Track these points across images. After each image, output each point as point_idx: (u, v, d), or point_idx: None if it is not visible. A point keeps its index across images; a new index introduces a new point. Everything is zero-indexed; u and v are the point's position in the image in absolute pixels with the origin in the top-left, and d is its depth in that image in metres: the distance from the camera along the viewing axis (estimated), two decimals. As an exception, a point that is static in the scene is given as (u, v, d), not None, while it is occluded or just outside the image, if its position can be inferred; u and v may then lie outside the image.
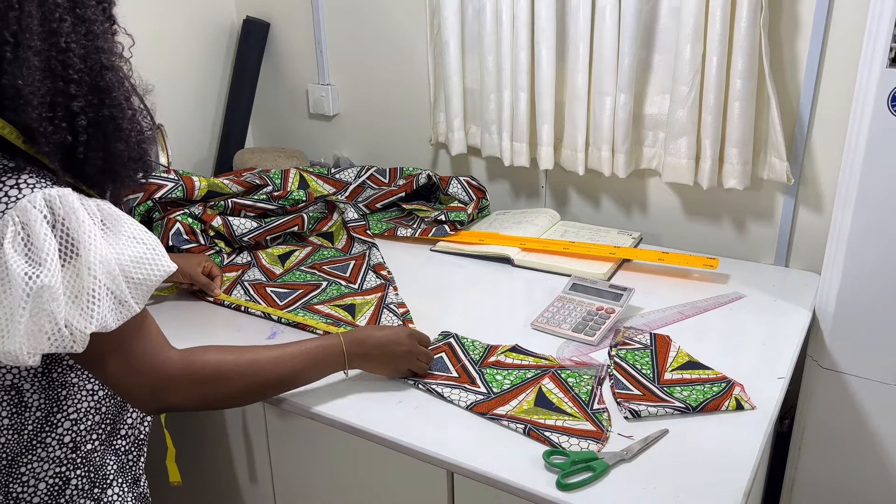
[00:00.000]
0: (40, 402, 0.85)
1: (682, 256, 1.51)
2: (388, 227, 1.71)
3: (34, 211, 0.75)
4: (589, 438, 0.98)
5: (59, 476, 0.87)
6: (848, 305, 1.28)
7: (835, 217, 1.28)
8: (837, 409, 1.34)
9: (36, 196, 0.75)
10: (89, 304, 0.77)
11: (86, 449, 0.89)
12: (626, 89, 1.52)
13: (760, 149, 1.48)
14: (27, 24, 0.74)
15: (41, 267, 0.74)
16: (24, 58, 0.74)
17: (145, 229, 0.85)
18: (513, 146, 1.70)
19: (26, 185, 0.76)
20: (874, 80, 1.16)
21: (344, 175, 1.82)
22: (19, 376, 0.84)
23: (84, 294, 0.77)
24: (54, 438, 0.87)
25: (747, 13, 1.34)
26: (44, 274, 0.74)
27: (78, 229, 0.76)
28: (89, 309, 0.77)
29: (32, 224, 0.74)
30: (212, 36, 2.03)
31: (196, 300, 1.39)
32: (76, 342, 0.77)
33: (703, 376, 1.12)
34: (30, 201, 0.75)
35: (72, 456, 0.88)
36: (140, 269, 0.81)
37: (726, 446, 0.97)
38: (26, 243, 0.74)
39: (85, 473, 0.89)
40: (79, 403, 0.88)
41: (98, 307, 0.77)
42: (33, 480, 0.86)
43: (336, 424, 1.05)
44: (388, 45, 1.89)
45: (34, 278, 0.73)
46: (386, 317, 1.30)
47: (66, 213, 0.76)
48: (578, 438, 0.98)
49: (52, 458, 0.87)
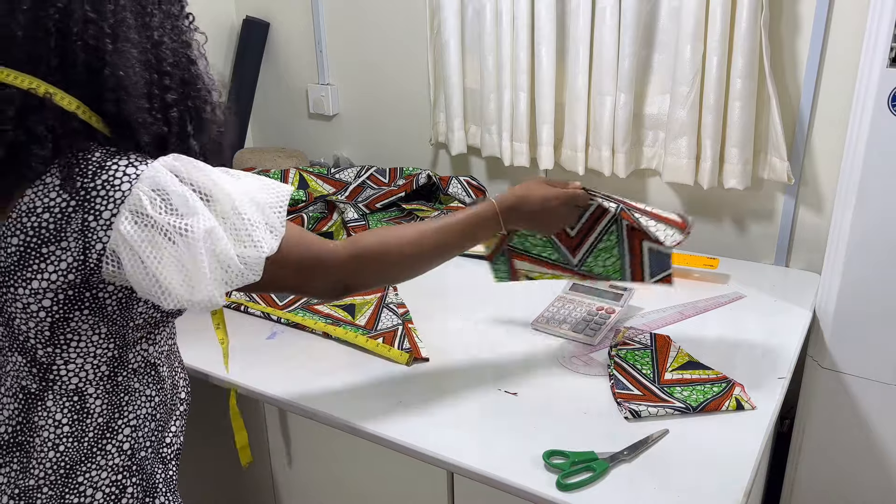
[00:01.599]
0: (102, 409, 0.84)
1: (682, 256, 1.51)
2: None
3: (162, 175, 0.75)
4: (674, 228, 1.06)
5: (117, 484, 0.85)
6: (848, 305, 1.28)
7: (835, 217, 1.28)
8: (837, 409, 1.34)
9: (155, 165, 0.76)
10: (248, 234, 0.80)
11: (140, 456, 0.87)
12: (627, 89, 1.52)
13: (761, 149, 1.48)
14: (123, 17, 0.76)
15: (194, 217, 0.75)
16: (123, 50, 0.76)
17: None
18: (513, 146, 1.69)
19: (139, 161, 0.76)
20: (874, 80, 1.16)
21: (344, 175, 1.82)
22: (85, 380, 0.82)
23: (240, 228, 0.79)
24: (114, 445, 0.85)
25: (747, 13, 1.34)
26: (201, 221, 0.75)
27: (204, 178, 0.78)
28: (251, 238, 0.80)
29: (165, 186, 0.75)
30: (211, 36, 2.01)
31: (196, 300, 1.39)
32: (254, 272, 0.80)
33: (703, 376, 1.12)
34: (152, 169, 0.75)
35: (128, 463, 0.86)
36: (267, 193, 0.84)
37: (726, 446, 0.97)
38: (168, 203, 0.75)
39: (139, 481, 0.87)
40: (138, 409, 0.86)
41: (257, 234, 0.80)
42: (90, 490, 0.83)
43: (336, 424, 1.05)
44: (388, 45, 1.89)
45: (193, 228, 0.74)
46: (386, 316, 1.30)
47: (189, 170, 0.77)
48: (665, 226, 1.06)
49: (110, 466, 0.84)
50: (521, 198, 1.07)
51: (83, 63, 0.75)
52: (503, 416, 1.04)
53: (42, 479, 0.82)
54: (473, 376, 1.14)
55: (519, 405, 1.07)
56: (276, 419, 1.22)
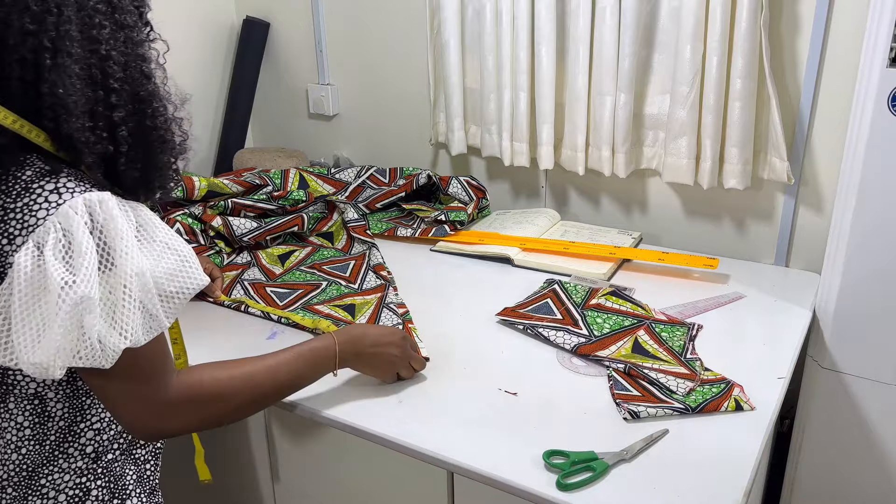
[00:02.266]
0: (64, 412, 0.83)
1: (682, 256, 1.51)
2: (388, 227, 1.71)
3: (76, 217, 0.72)
4: (685, 380, 1.08)
5: (80, 487, 0.85)
6: (848, 305, 1.28)
7: (835, 217, 1.28)
8: (837, 409, 1.34)
9: (77, 201, 0.72)
10: (122, 318, 0.74)
11: (107, 459, 0.87)
12: (627, 89, 1.51)
13: (761, 149, 1.48)
14: (67, 31, 0.72)
15: (79, 276, 0.71)
16: (64, 65, 0.72)
17: (178, 236, 0.82)
18: (513, 146, 1.69)
19: (66, 189, 0.73)
20: (874, 80, 1.16)
21: (344, 175, 1.82)
22: (44, 385, 0.81)
23: (118, 308, 0.74)
24: (77, 449, 0.84)
25: (747, 13, 1.34)
26: (82, 284, 0.71)
27: (115, 238, 0.74)
28: (122, 323, 0.74)
29: (74, 231, 0.72)
30: (212, 36, 2.03)
31: (196, 300, 1.39)
32: (107, 357, 0.74)
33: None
34: (71, 206, 0.72)
35: (93, 466, 0.86)
36: (174, 281, 0.79)
37: (726, 446, 0.97)
38: (66, 251, 0.71)
39: (105, 484, 0.86)
40: (102, 413, 0.86)
41: (132, 322, 0.75)
42: (53, 492, 0.84)
43: (336, 424, 1.05)
44: (388, 45, 1.89)
45: (72, 286, 0.71)
46: (386, 316, 1.30)
47: (105, 220, 0.74)
48: (676, 379, 1.08)
49: (73, 469, 0.84)
50: (363, 335, 1.06)
51: (18, 77, 0.72)
52: (503, 416, 1.04)
53: (6, 481, 0.83)
54: (473, 376, 1.14)
55: (519, 405, 1.07)
56: (276, 419, 1.22)
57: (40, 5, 0.71)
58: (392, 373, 1.10)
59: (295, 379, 0.99)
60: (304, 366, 0.99)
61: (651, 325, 1.23)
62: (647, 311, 1.29)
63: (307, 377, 1.01)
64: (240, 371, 0.91)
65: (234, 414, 0.93)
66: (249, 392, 0.92)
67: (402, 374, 1.11)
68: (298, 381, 1.00)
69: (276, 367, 0.95)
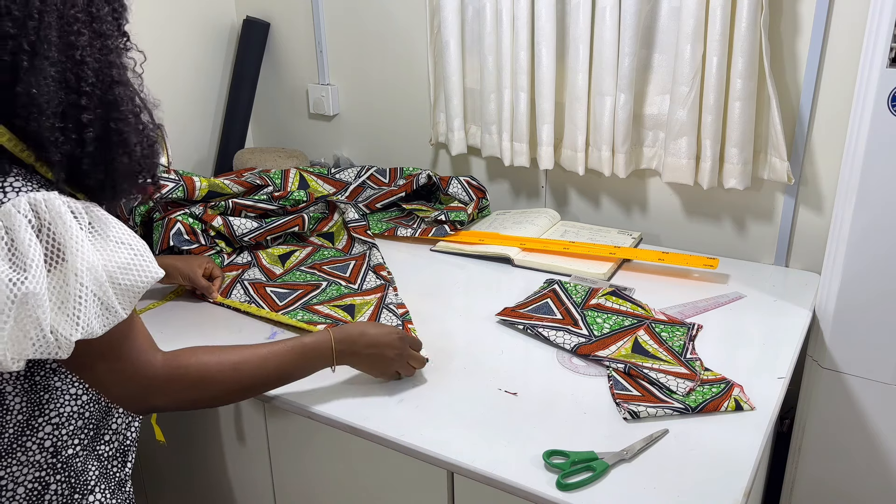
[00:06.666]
0: (22, 406, 0.84)
1: (682, 256, 1.51)
2: (388, 227, 1.71)
3: (18, 216, 0.74)
4: (685, 380, 1.09)
5: (39, 481, 0.86)
6: (848, 305, 1.28)
7: (835, 217, 1.28)
8: (837, 409, 1.34)
9: (20, 200, 0.75)
10: (75, 310, 0.77)
11: (67, 454, 0.87)
12: (626, 89, 1.52)
13: (761, 149, 1.48)
14: (46, 35, 0.75)
15: (26, 273, 0.74)
16: (40, 67, 0.75)
17: (133, 233, 0.85)
18: (513, 146, 1.70)
19: (11, 188, 0.76)
20: (874, 80, 1.16)
21: (344, 175, 1.82)
22: (1, 378, 0.83)
23: (70, 300, 0.77)
24: (34, 443, 0.86)
25: (747, 13, 1.34)
26: (29, 280, 0.73)
27: (64, 234, 0.76)
28: (75, 315, 0.77)
29: (17, 229, 0.74)
30: (212, 36, 2.03)
31: (197, 301, 1.39)
32: (61, 348, 0.77)
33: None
34: (14, 205, 0.74)
35: (52, 461, 0.87)
36: (127, 274, 0.81)
37: (726, 446, 0.97)
38: (10, 248, 0.74)
39: (65, 479, 0.87)
40: (61, 408, 0.87)
41: (84, 314, 0.77)
42: (12, 485, 0.85)
43: (336, 424, 1.05)
44: (388, 45, 1.89)
45: (18, 284, 0.73)
46: (385, 317, 1.30)
47: (53, 218, 0.76)
48: (676, 379, 1.09)
49: (31, 463, 0.86)
50: (361, 334, 1.07)
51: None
52: (503, 416, 1.04)
53: None
54: (473, 376, 1.14)
55: (519, 405, 1.07)
56: (276, 419, 1.22)
57: (23, 10, 0.74)
58: (390, 372, 1.11)
59: (284, 372, 1.02)
60: (295, 360, 1.02)
61: (651, 325, 1.23)
62: (647, 311, 1.29)
63: (298, 372, 1.04)
64: (228, 358, 0.96)
65: (222, 398, 0.99)
66: (236, 380, 0.96)
67: (401, 372, 1.11)
68: (288, 374, 1.03)
69: (266, 357, 0.99)
